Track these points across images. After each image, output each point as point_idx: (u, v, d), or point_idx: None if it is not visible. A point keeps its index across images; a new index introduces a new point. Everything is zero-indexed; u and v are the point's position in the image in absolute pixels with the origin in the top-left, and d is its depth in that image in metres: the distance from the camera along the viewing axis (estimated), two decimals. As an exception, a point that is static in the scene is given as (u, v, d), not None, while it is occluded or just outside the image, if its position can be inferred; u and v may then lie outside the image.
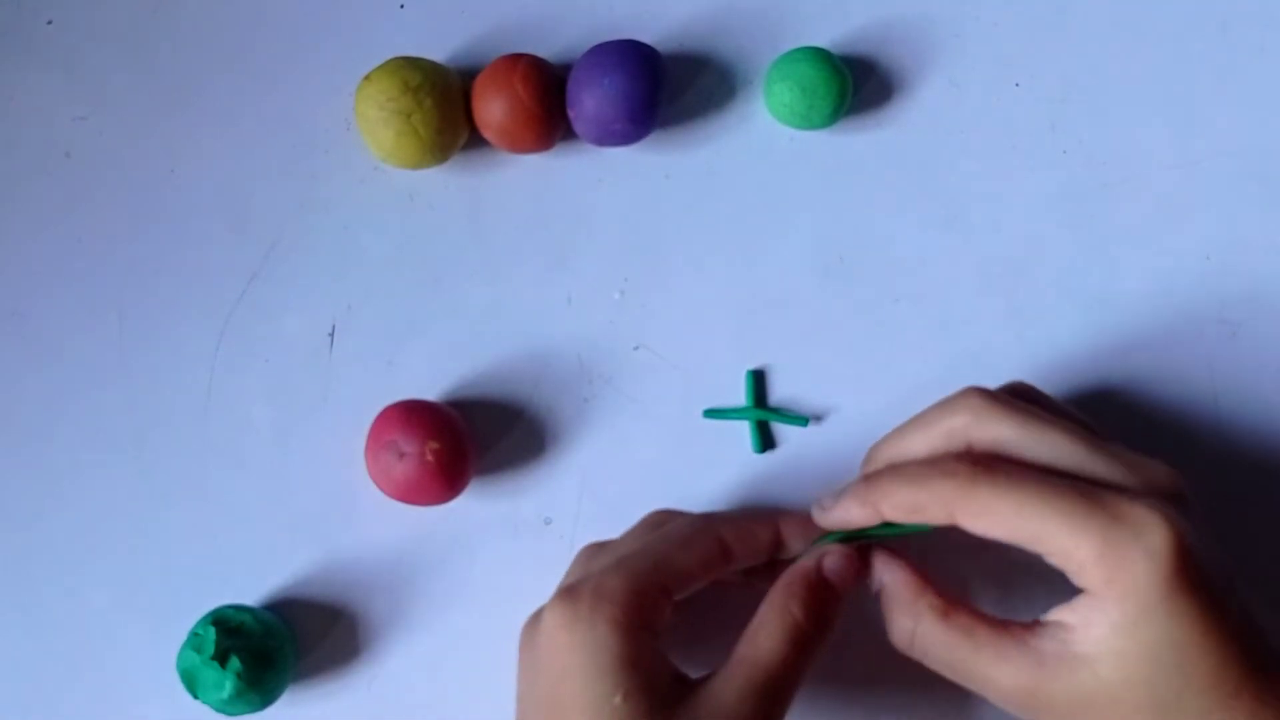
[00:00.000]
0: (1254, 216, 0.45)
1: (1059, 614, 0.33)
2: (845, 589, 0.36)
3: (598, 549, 0.39)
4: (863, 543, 0.37)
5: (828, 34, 0.46)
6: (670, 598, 0.35)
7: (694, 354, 0.44)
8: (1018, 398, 0.36)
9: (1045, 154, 0.45)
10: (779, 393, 0.44)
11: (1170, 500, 0.33)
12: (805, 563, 0.36)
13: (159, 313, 0.45)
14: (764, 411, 0.44)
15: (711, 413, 0.44)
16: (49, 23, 0.47)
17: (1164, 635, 0.31)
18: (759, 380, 0.44)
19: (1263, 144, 0.45)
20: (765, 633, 0.35)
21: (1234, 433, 0.44)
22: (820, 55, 0.43)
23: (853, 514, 0.36)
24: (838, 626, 0.36)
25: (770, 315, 0.44)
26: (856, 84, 0.45)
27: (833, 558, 0.36)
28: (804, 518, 0.38)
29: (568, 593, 0.34)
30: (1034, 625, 0.33)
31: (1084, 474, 0.33)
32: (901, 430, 0.37)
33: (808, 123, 0.44)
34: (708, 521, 0.37)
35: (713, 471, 0.44)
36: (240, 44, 0.46)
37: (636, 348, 0.45)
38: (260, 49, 0.46)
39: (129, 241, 0.45)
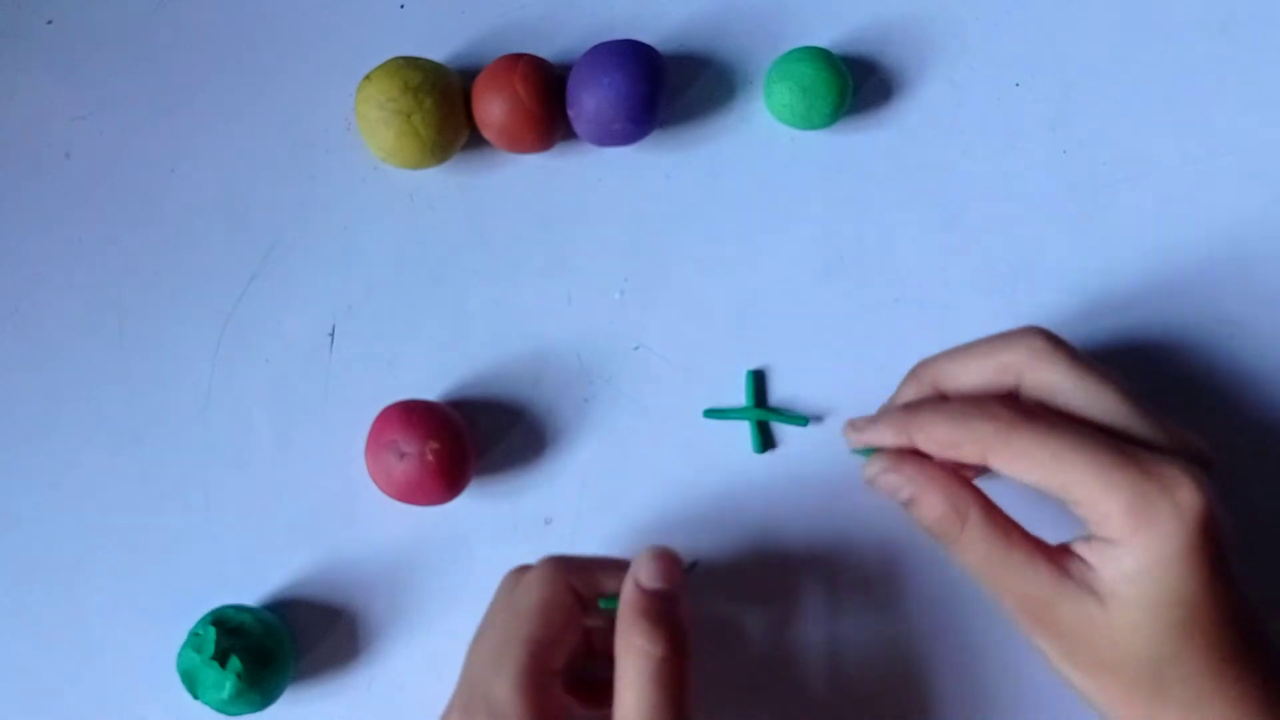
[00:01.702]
0: (1254, 216, 0.45)
1: (1081, 549, 0.33)
2: (676, 589, 0.35)
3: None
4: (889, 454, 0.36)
5: (828, 34, 0.46)
6: (559, 666, 0.36)
7: (694, 354, 0.44)
8: None
9: (1045, 154, 0.45)
10: (779, 393, 0.44)
11: (1202, 467, 0.33)
12: (624, 592, 0.35)
13: (159, 313, 0.45)
14: (764, 411, 0.44)
15: (711, 413, 0.44)
16: (49, 23, 0.47)
17: (1174, 591, 0.32)
18: (759, 380, 0.44)
19: (1263, 144, 0.45)
20: (627, 688, 0.33)
21: (1234, 432, 0.44)
22: (820, 55, 0.43)
23: (886, 439, 0.36)
24: (694, 631, 0.35)
25: (770, 315, 0.44)
26: (856, 84, 0.45)
27: (645, 568, 0.35)
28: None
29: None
30: (1063, 550, 0.34)
31: (1125, 431, 0.34)
32: (957, 353, 0.37)
33: (808, 123, 0.44)
34: (554, 577, 0.36)
35: (713, 471, 0.44)
36: (240, 44, 0.46)
37: (636, 348, 0.45)
38: (260, 49, 0.46)
39: (129, 241, 0.45)
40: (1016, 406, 0.34)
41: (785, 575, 0.43)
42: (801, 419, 0.44)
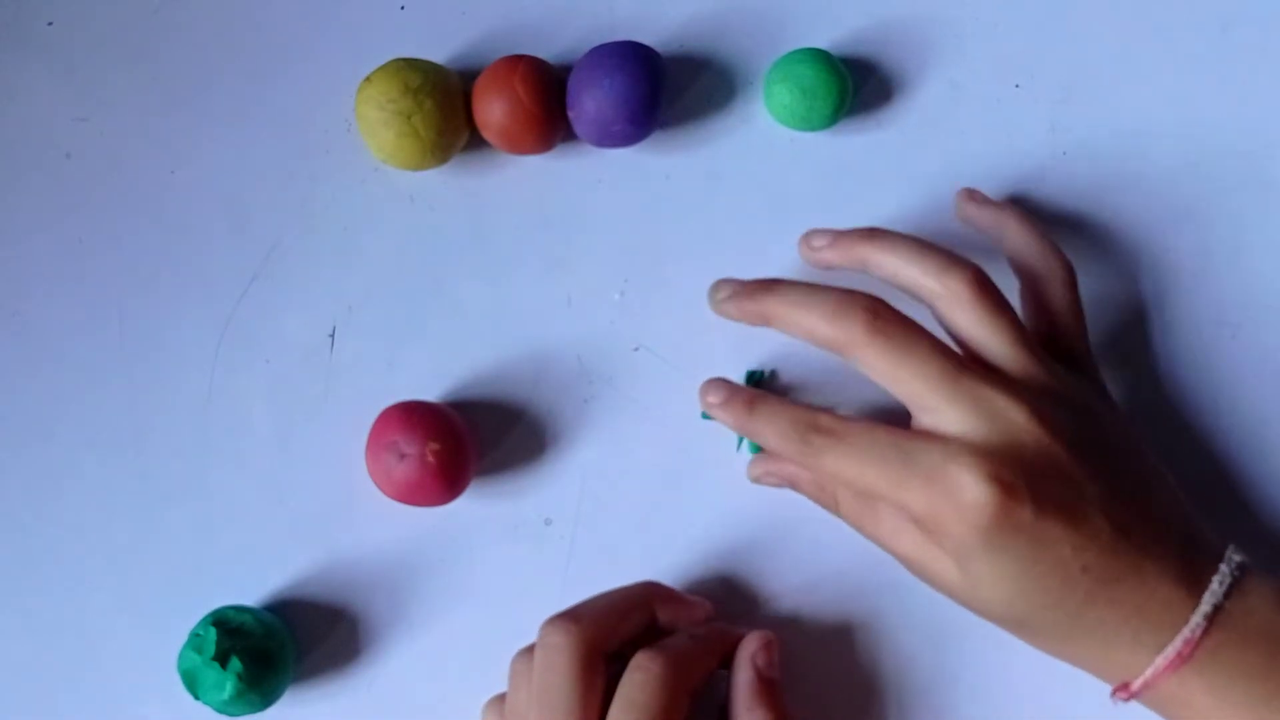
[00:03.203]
0: (1254, 216, 0.45)
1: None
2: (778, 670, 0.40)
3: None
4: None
5: (827, 35, 0.46)
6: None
7: (694, 354, 0.44)
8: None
9: (1045, 154, 0.45)
10: (778, 393, 0.44)
11: (1010, 446, 0.34)
12: (745, 676, 0.39)
13: (159, 313, 0.45)
14: (764, 412, 0.44)
15: (711, 413, 0.44)
16: (49, 23, 0.47)
17: (993, 569, 0.34)
18: (759, 380, 0.44)
19: (1263, 144, 0.45)
20: None
21: (1234, 433, 0.44)
22: (820, 56, 0.43)
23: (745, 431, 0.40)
24: None
25: (770, 316, 0.44)
26: (856, 85, 0.45)
27: (762, 654, 0.39)
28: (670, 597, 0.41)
29: None
30: None
31: (927, 420, 0.36)
32: (793, 307, 0.38)
33: (808, 124, 0.44)
34: (676, 687, 0.37)
35: (712, 471, 0.44)
36: (240, 44, 0.46)
37: (636, 348, 0.45)
38: (260, 49, 0.46)
39: (129, 241, 0.45)
40: (828, 427, 0.36)
41: (784, 575, 0.43)
42: (801, 420, 0.44)
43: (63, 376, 0.45)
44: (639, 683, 0.36)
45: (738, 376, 0.44)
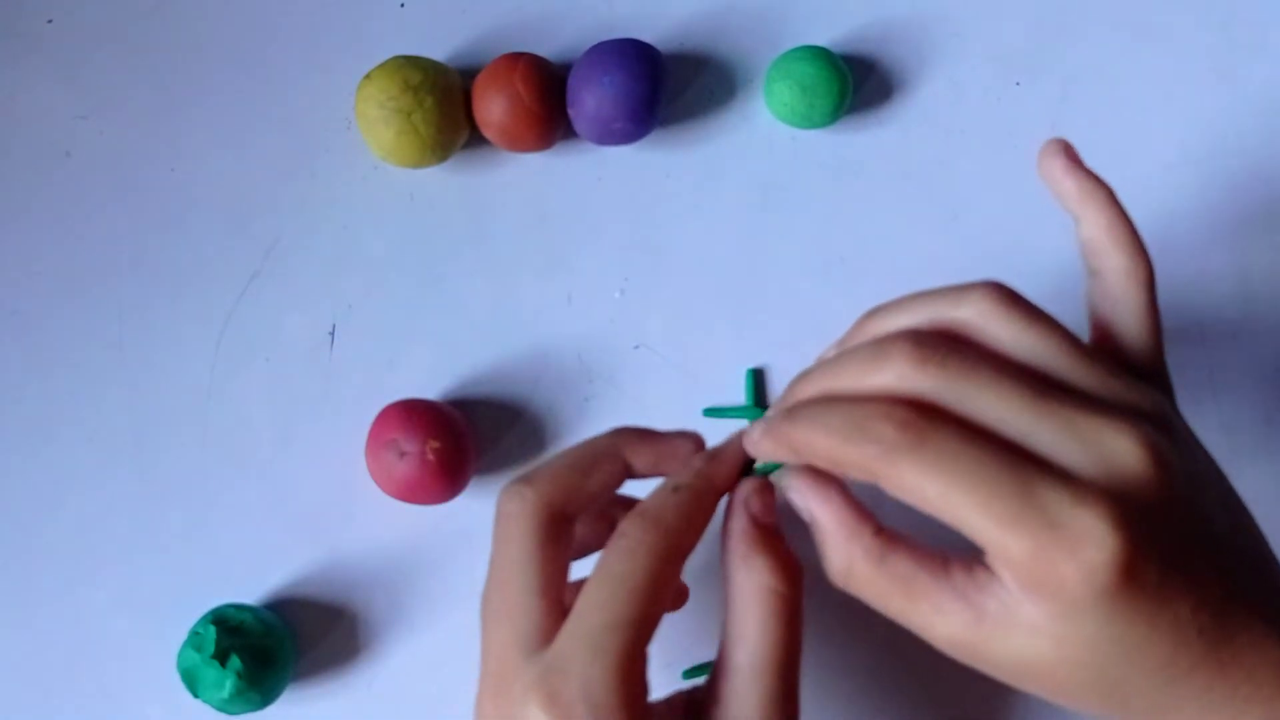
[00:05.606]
0: (1254, 216, 0.45)
1: (1001, 572, 0.29)
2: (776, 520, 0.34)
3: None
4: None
5: (828, 33, 0.46)
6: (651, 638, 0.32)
7: (694, 353, 0.44)
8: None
9: (1045, 153, 0.45)
10: (779, 392, 0.44)
11: (1129, 486, 0.29)
12: (739, 524, 0.33)
13: (159, 313, 0.45)
14: (763, 410, 0.44)
15: (711, 411, 0.44)
16: (49, 22, 0.47)
17: (1100, 631, 0.29)
18: (759, 379, 0.44)
19: (1263, 144, 0.45)
20: (754, 628, 0.32)
21: (1234, 433, 0.44)
22: (820, 54, 0.43)
23: (770, 452, 0.33)
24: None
25: (770, 315, 0.45)
26: (856, 83, 0.45)
27: (756, 498, 0.34)
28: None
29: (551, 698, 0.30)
30: (978, 570, 0.30)
31: (1043, 440, 0.29)
32: (906, 305, 0.33)
33: (808, 122, 0.44)
34: (666, 554, 0.32)
35: (713, 470, 0.44)
36: (240, 44, 0.47)
37: (636, 346, 0.45)
38: (260, 49, 0.46)
39: (129, 241, 0.45)
40: (904, 423, 0.29)
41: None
42: (802, 418, 0.44)
43: (63, 376, 0.45)
44: (623, 550, 0.31)
45: (738, 375, 0.44)
